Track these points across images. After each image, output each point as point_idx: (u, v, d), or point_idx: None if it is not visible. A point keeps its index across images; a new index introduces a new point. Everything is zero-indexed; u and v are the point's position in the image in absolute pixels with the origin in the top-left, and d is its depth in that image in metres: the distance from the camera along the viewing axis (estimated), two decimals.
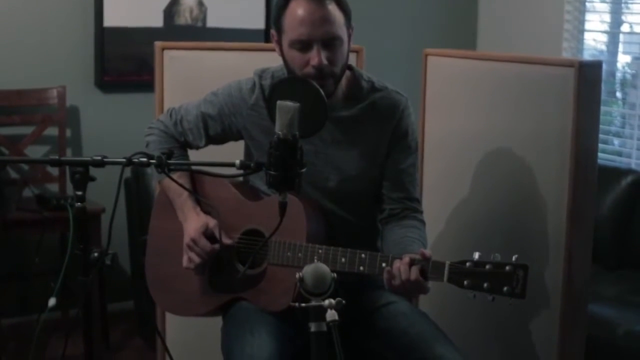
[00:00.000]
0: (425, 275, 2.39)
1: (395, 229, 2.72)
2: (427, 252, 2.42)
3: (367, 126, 2.71)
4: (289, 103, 2.14)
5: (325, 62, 2.53)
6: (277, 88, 2.47)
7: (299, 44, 2.55)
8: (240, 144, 2.84)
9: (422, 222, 2.79)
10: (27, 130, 4.68)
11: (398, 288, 2.44)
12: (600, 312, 3.91)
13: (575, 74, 2.92)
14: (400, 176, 2.76)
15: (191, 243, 2.67)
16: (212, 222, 2.68)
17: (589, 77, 2.96)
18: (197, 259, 2.67)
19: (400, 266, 2.41)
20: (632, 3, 5.27)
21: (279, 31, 2.62)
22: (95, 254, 2.27)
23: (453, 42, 5.55)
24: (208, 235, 2.67)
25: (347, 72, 2.70)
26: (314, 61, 2.53)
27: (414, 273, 2.39)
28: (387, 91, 2.75)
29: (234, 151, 2.77)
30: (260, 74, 2.76)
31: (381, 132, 2.72)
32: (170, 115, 2.85)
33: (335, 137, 2.70)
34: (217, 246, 2.65)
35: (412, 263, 2.40)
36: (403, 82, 3.14)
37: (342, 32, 2.58)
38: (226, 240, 2.67)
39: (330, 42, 2.55)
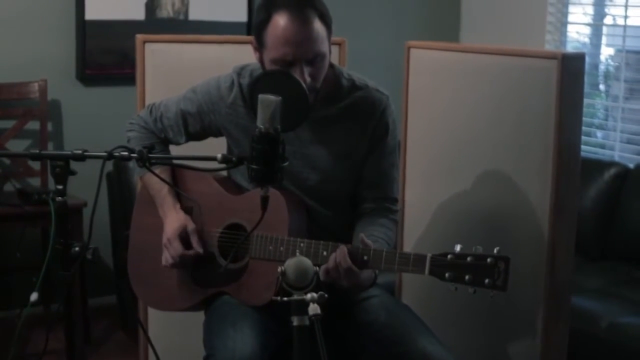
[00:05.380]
0: (357, 264, 2.42)
1: (364, 226, 2.70)
2: (368, 240, 2.46)
3: (347, 126, 2.68)
4: (270, 96, 2.12)
5: (309, 79, 2.49)
6: (258, 82, 2.45)
7: (282, 62, 2.50)
8: (223, 139, 2.82)
9: (394, 221, 2.78)
10: (8, 124, 4.64)
11: (332, 276, 2.45)
12: (583, 304, 3.91)
13: (558, 66, 2.92)
14: (378, 176, 2.75)
15: (167, 243, 2.68)
16: (190, 226, 2.68)
17: (571, 69, 2.95)
18: (171, 260, 2.69)
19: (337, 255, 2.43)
20: None
21: (260, 44, 2.56)
22: (76, 249, 2.27)
23: (436, 34, 5.55)
24: (183, 238, 2.67)
25: (327, 71, 2.63)
26: None
27: (340, 254, 2.41)
28: (368, 90, 2.71)
29: (216, 145, 2.75)
30: (239, 72, 2.72)
31: (361, 131, 2.69)
32: (150, 112, 2.83)
33: (314, 137, 2.68)
34: (189, 252, 2.67)
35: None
36: (385, 74, 3.13)
37: (325, 46, 2.54)
38: (197, 248, 2.67)
39: (314, 60, 2.51)
